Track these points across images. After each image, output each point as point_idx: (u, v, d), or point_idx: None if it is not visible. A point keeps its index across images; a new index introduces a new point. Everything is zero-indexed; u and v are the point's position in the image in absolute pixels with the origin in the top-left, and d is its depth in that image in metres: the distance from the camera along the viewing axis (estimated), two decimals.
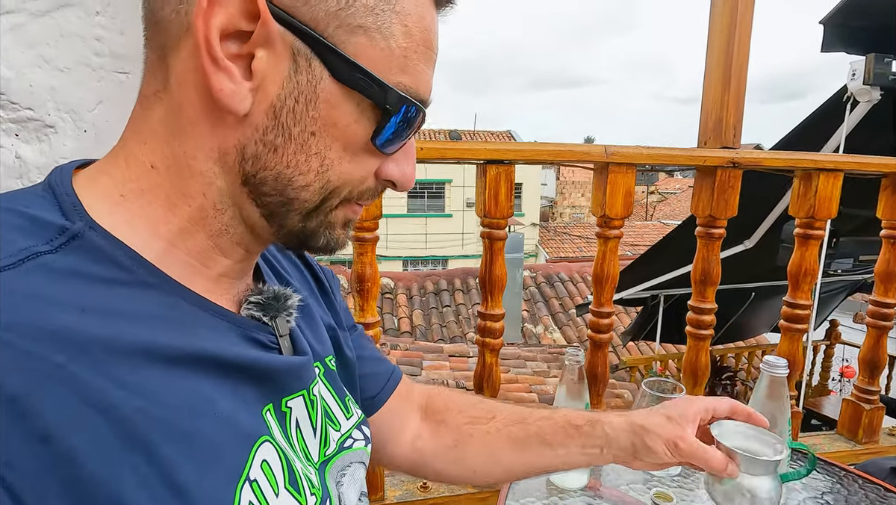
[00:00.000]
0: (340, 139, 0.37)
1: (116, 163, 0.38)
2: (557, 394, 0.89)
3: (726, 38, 1.15)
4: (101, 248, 0.34)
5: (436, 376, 4.60)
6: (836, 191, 1.23)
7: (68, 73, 0.87)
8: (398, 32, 0.35)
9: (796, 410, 1.35)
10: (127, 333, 0.32)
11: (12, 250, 0.30)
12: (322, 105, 0.35)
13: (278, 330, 0.43)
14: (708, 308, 1.26)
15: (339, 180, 0.38)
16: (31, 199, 0.35)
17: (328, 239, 0.42)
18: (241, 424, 0.37)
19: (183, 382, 0.34)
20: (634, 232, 16.34)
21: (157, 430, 0.31)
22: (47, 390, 0.28)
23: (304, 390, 0.45)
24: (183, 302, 0.37)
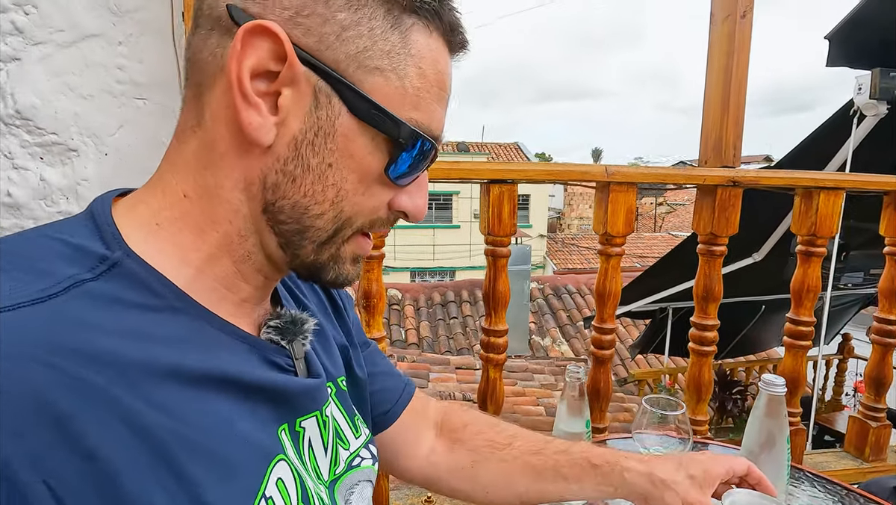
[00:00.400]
0: (356, 171, 0.39)
1: (153, 193, 0.40)
2: (558, 410, 0.91)
3: (725, 62, 1.17)
4: (136, 275, 0.36)
5: (442, 389, 4.60)
6: (838, 208, 1.24)
7: (91, 100, 0.92)
8: (412, 73, 0.38)
9: (801, 427, 1.35)
10: (159, 355, 0.35)
11: (60, 278, 0.33)
12: (339, 138, 0.38)
13: (294, 353, 0.46)
14: (710, 325, 1.27)
15: (352, 210, 0.40)
16: (76, 228, 0.38)
17: (337, 273, 0.43)
18: (259, 444, 0.39)
19: (207, 402, 0.36)
20: (643, 243, 16.26)
21: (184, 449, 0.34)
22: (91, 411, 0.30)
23: (317, 411, 0.47)
24: (208, 326, 0.39)
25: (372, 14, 0.37)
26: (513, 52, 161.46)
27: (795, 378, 1.33)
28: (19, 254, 0.35)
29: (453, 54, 0.42)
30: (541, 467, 0.62)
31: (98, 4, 0.90)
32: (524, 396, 4.56)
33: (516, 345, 6.94)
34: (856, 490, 0.93)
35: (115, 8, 0.90)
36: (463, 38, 0.42)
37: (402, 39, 0.38)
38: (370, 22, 0.37)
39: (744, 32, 1.14)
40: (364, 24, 0.36)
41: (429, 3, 0.38)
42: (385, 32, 0.37)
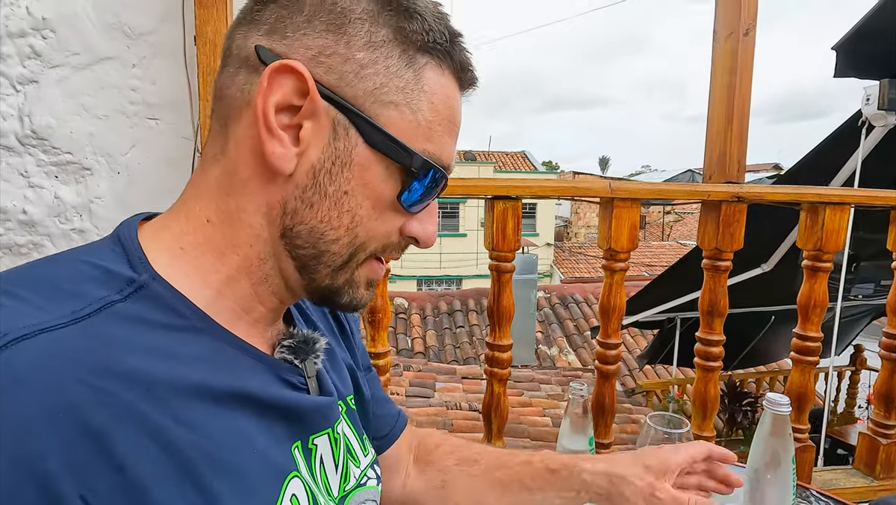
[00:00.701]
0: (370, 198, 0.41)
1: (177, 218, 0.42)
2: (562, 427, 0.91)
3: (728, 78, 1.18)
4: (162, 297, 0.38)
5: (448, 398, 4.58)
6: (844, 223, 1.24)
7: (105, 120, 0.94)
8: (425, 108, 0.41)
9: (809, 444, 1.34)
10: (184, 373, 0.36)
11: (92, 299, 0.35)
12: (356, 167, 0.40)
13: (307, 372, 0.47)
14: (716, 339, 1.27)
15: (366, 235, 0.42)
16: (104, 252, 0.40)
17: (351, 297, 0.45)
18: (275, 460, 0.41)
19: (227, 418, 0.38)
20: (651, 252, 16.18)
21: (206, 463, 0.35)
22: (122, 426, 0.32)
23: (329, 429, 0.49)
24: (227, 346, 0.41)
25: (388, 53, 0.39)
26: (520, 61, 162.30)
27: (803, 394, 1.32)
28: (54, 277, 0.37)
29: (463, 91, 0.45)
30: (507, 481, 0.63)
31: (113, 28, 0.93)
32: (531, 406, 4.53)
33: (523, 354, 6.91)
34: None
35: (130, 31, 0.93)
36: (472, 76, 0.44)
37: (415, 77, 0.40)
38: (386, 61, 0.39)
39: (747, 49, 1.15)
40: (381, 62, 0.39)
41: (441, 44, 0.41)
42: (400, 70, 0.39)
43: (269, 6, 0.40)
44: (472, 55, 0.44)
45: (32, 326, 0.32)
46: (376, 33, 0.39)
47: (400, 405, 2.77)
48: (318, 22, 0.38)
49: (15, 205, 0.92)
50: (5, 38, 0.90)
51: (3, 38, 0.90)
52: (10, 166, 0.93)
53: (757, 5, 1.13)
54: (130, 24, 0.93)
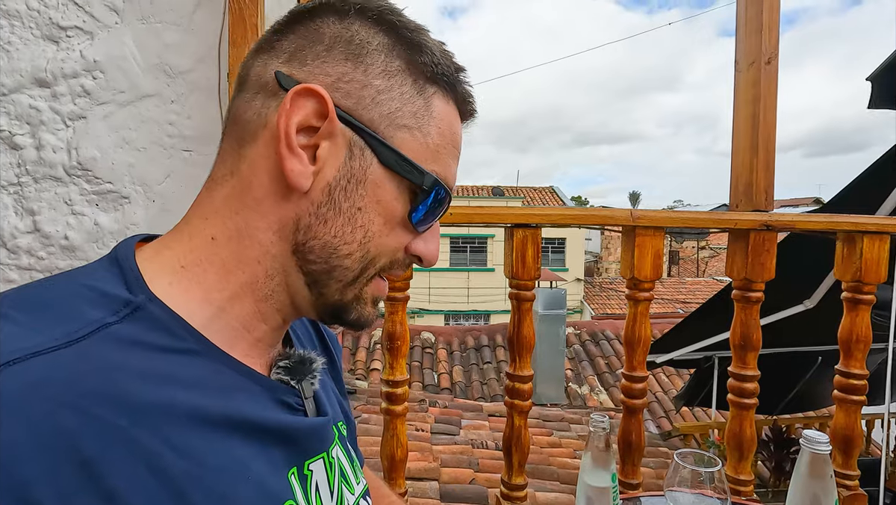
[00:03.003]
0: (382, 215, 0.43)
1: (180, 238, 0.43)
2: (583, 462, 0.87)
3: (752, 108, 1.17)
4: (158, 318, 0.38)
5: (475, 436, 4.45)
6: (885, 253, 1.18)
7: (144, 152, 1.01)
8: (434, 132, 0.44)
9: (860, 492, 1.23)
10: (179, 397, 0.36)
11: (87, 321, 0.35)
12: (369, 185, 0.42)
13: (304, 393, 0.47)
14: (750, 375, 1.20)
15: (376, 251, 0.43)
16: (101, 273, 0.40)
17: (359, 314, 0.46)
18: (270, 488, 0.40)
19: (222, 445, 0.37)
20: (686, 288, 15.67)
21: (200, 492, 0.35)
22: (113, 452, 0.31)
23: (324, 453, 0.48)
24: (224, 368, 0.40)
25: (402, 82, 0.42)
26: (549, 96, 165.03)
27: (850, 437, 1.22)
28: (50, 298, 0.37)
29: (464, 121, 0.48)
30: None
31: (155, 67, 1.00)
32: (560, 447, 4.35)
33: (551, 392, 6.70)
34: None
35: (170, 70, 1.00)
36: (473, 107, 0.47)
37: (425, 104, 0.43)
38: (401, 88, 0.42)
39: (770, 78, 1.14)
40: (396, 89, 0.42)
41: (447, 77, 0.44)
42: (412, 97, 0.42)
43: (289, 36, 0.42)
44: (473, 88, 0.47)
45: (25, 349, 0.32)
46: (391, 63, 0.42)
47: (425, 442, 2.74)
48: (337, 52, 0.41)
49: (58, 231, 0.98)
50: (60, 78, 0.98)
51: (58, 78, 0.98)
52: (57, 196, 0.99)
53: (778, 34, 1.13)
54: (171, 64, 1.00)
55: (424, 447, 4.10)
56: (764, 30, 1.12)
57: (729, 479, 1.23)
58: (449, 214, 1.11)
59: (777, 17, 1.13)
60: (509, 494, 1.19)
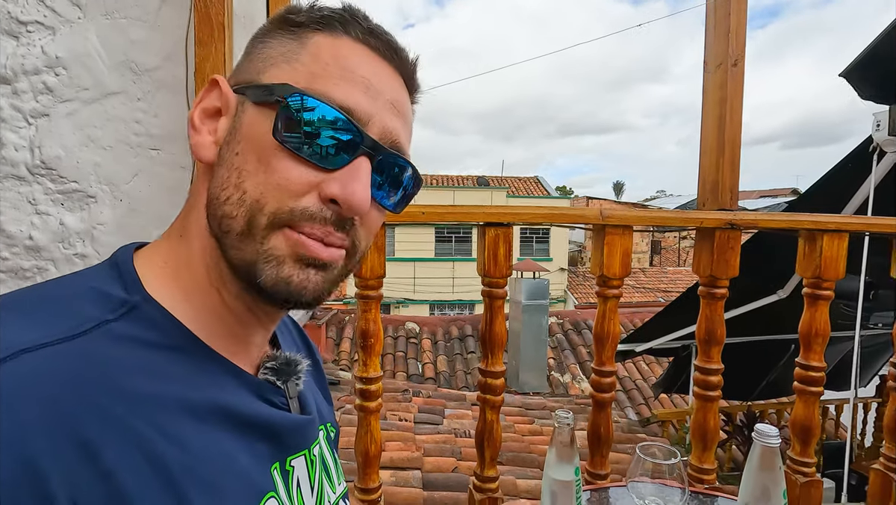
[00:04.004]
0: (254, 151, 0.41)
1: (166, 240, 0.46)
2: (548, 457, 0.90)
3: (719, 109, 1.19)
4: (152, 317, 0.40)
5: (457, 425, 4.51)
6: (843, 251, 1.22)
7: (110, 151, 0.99)
8: (305, 59, 0.42)
9: (816, 478, 1.29)
10: (170, 391, 0.38)
11: (87, 318, 0.37)
12: (244, 128, 0.42)
13: (289, 393, 0.49)
14: (714, 368, 1.24)
15: (255, 190, 0.40)
16: (101, 275, 0.42)
17: (276, 276, 0.40)
18: (254, 481, 0.42)
19: (211, 436, 0.39)
20: (667, 278, 15.93)
21: (189, 480, 0.37)
22: (110, 437, 0.34)
23: (305, 450, 0.50)
24: (213, 365, 0.42)
25: (274, 37, 0.44)
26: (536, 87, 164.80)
27: (808, 427, 1.28)
28: (53, 298, 0.39)
29: (378, 53, 0.44)
30: None
31: (120, 64, 0.98)
32: (541, 434, 4.43)
33: (534, 381, 6.79)
34: None
35: (136, 68, 0.99)
36: (383, 40, 0.44)
37: (300, 44, 0.43)
38: (273, 42, 0.44)
39: (736, 80, 1.16)
40: (269, 47, 0.44)
41: (325, 16, 0.43)
42: (284, 43, 0.44)
43: None
44: (380, 26, 0.45)
45: (31, 341, 0.34)
46: (269, 33, 0.45)
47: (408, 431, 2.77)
48: (244, 57, 0.46)
49: (22, 231, 0.97)
50: (21, 74, 0.96)
51: (19, 74, 0.96)
52: (20, 195, 0.98)
53: (745, 37, 1.15)
54: (137, 62, 0.98)
55: (407, 437, 4.13)
56: (731, 33, 1.14)
57: (693, 467, 1.28)
58: (421, 214, 1.12)
59: (744, 21, 1.15)
60: (482, 487, 1.22)
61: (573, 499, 0.86)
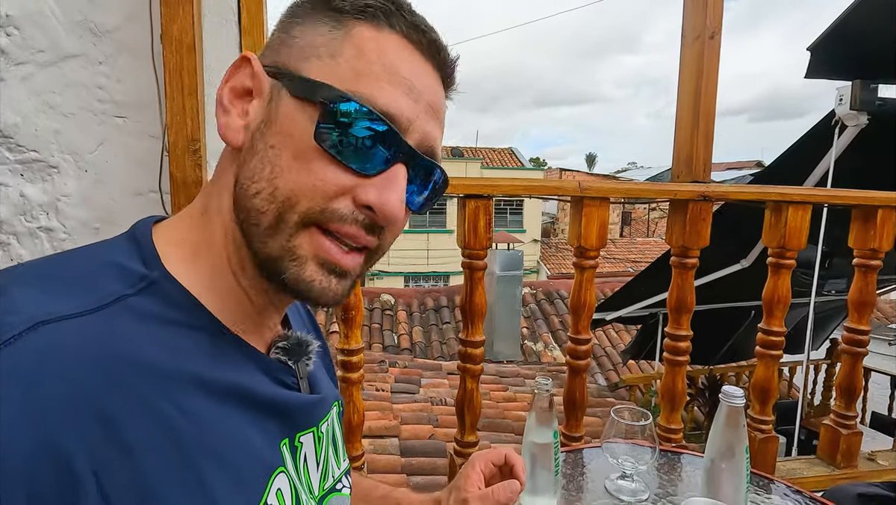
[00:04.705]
0: (291, 147, 0.40)
1: (184, 216, 0.46)
2: (528, 422, 0.93)
3: (695, 81, 1.21)
4: (171, 294, 0.40)
5: (434, 394, 4.60)
6: (806, 222, 1.28)
7: (72, 118, 0.94)
8: (349, 53, 0.40)
9: (772, 435, 1.38)
10: (187, 367, 0.38)
11: (107, 293, 0.37)
12: (281, 120, 0.40)
13: (300, 372, 0.50)
14: (683, 335, 1.30)
15: (287, 187, 0.39)
16: (120, 249, 0.42)
17: (298, 275, 0.40)
18: (264, 456, 0.43)
19: (225, 413, 0.40)
20: (637, 249, 16.35)
21: (205, 454, 0.37)
22: (131, 412, 0.34)
23: (314, 427, 0.51)
24: (227, 345, 0.43)
25: (316, 22, 0.42)
26: (511, 57, 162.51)
27: (767, 388, 1.36)
28: (72, 271, 0.39)
29: (423, 52, 0.43)
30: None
31: (79, 25, 0.92)
32: (515, 401, 4.57)
33: (508, 350, 6.95)
34: (818, 498, 0.95)
35: (95, 28, 0.92)
36: (429, 37, 0.43)
37: (343, 33, 0.41)
38: (314, 28, 0.42)
39: (712, 53, 1.17)
40: (309, 31, 0.42)
41: (374, 7, 0.41)
42: (330, 31, 0.41)
43: None
44: (424, 20, 0.43)
45: (49, 314, 0.34)
46: (309, 13, 0.43)
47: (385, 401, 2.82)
48: (275, 36, 0.44)
49: None
50: None
51: None
52: None
53: (722, 9, 1.16)
54: (96, 22, 0.92)
55: (385, 406, 4.20)
56: (708, 6, 1.14)
57: (662, 428, 1.35)
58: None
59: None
60: (462, 452, 1.26)
61: (552, 460, 0.89)
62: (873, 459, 1.49)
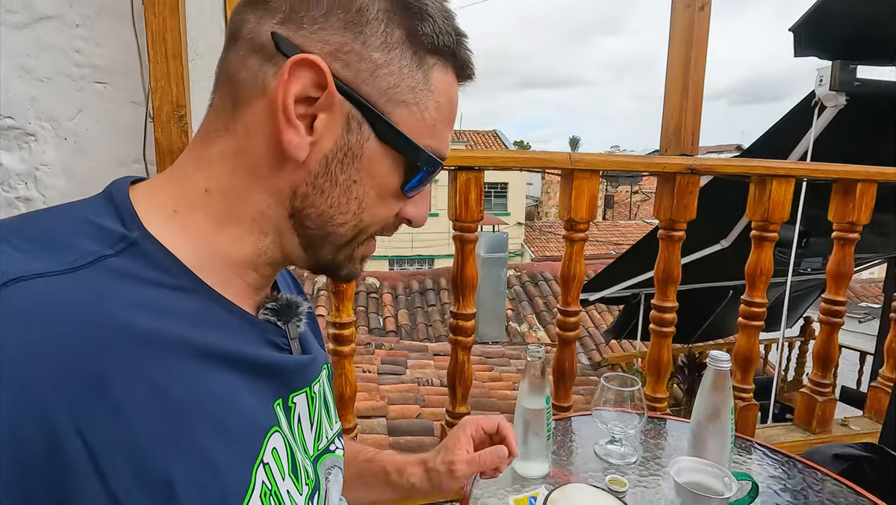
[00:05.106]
0: (376, 187, 0.44)
1: (172, 182, 0.44)
2: (521, 388, 0.95)
3: (685, 52, 1.21)
4: (153, 255, 0.39)
5: (420, 375, 4.64)
6: (788, 195, 1.31)
7: (49, 84, 0.90)
8: (432, 107, 0.44)
9: (753, 403, 1.42)
10: (173, 328, 0.37)
11: (85, 252, 0.36)
12: (365, 159, 0.42)
13: (290, 333, 0.50)
14: (669, 306, 1.32)
15: (370, 220, 0.45)
16: (96, 209, 0.40)
17: (350, 271, 0.49)
18: (258, 416, 0.43)
19: (216, 374, 0.39)
20: (619, 231, 16.55)
21: (195, 413, 0.37)
22: (118, 371, 0.33)
23: (307, 388, 0.51)
24: (216, 306, 0.42)
25: (402, 55, 0.41)
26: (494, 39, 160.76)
27: (749, 357, 1.40)
28: (47, 229, 0.38)
29: (461, 83, 0.47)
30: (349, 476, 0.68)
31: None
32: (501, 380, 4.63)
33: (493, 332, 7.02)
34: (797, 458, 0.99)
35: None
36: (472, 72, 0.47)
37: (424, 77, 0.43)
38: (400, 62, 0.41)
39: (702, 23, 1.18)
40: (395, 63, 0.41)
41: (448, 46, 0.43)
42: (412, 71, 0.42)
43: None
44: (473, 54, 0.46)
45: (29, 270, 0.32)
46: (391, 34, 0.41)
47: (372, 382, 2.84)
48: (335, 18, 0.39)
49: None
50: None
51: None
52: None
53: None
54: None
55: (371, 387, 4.22)
56: None
57: (647, 397, 1.38)
58: None
59: None
60: (453, 423, 1.28)
61: (545, 426, 0.91)
62: (846, 424, 1.55)
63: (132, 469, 0.33)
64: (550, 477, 0.92)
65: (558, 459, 0.98)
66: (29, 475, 0.30)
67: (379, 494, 0.71)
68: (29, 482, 0.30)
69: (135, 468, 0.33)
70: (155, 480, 0.33)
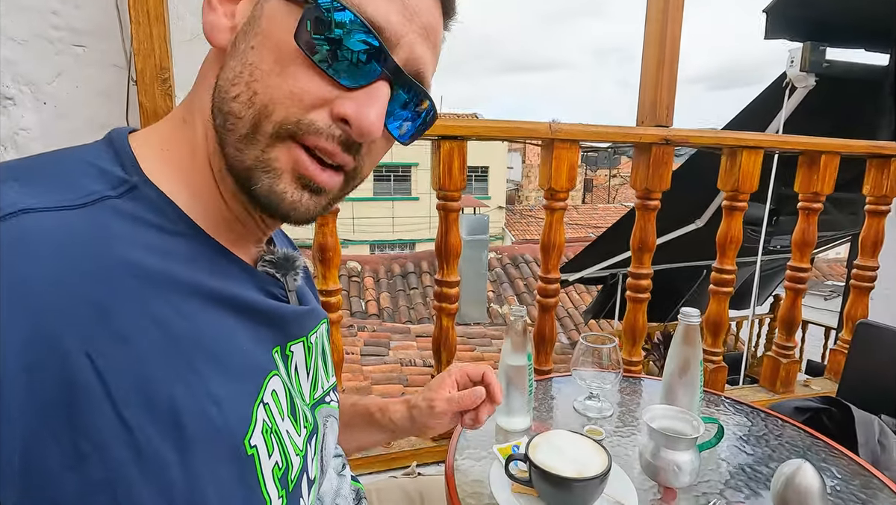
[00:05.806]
0: (273, 50, 0.38)
1: (167, 122, 0.45)
2: (503, 347, 0.98)
3: (660, 24, 1.24)
4: (153, 200, 0.39)
5: (403, 356, 4.69)
6: (757, 167, 1.36)
7: (26, 46, 0.89)
8: None
9: (722, 365, 1.50)
10: (178, 271, 0.38)
11: (87, 191, 0.36)
12: (264, 21, 0.39)
13: (287, 285, 0.50)
14: (644, 273, 1.38)
15: (265, 92, 0.38)
16: (96, 153, 0.40)
17: (270, 187, 0.40)
18: (258, 360, 0.44)
19: (216, 316, 0.40)
20: (597, 214, 16.77)
21: (198, 349, 0.37)
22: (125, 304, 0.34)
23: (303, 337, 0.52)
24: (216, 254, 0.43)
25: None
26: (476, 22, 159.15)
27: (718, 322, 1.47)
28: (51, 168, 0.38)
29: None
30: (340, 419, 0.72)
31: None
32: (483, 360, 4.71)
33: (475, 313, 7.10)
34: (762, 409, 1.06)
35: None
36: None
37: None
38: None
39: (677, 1, 1.21)
40: None
41: None
42: None
43: None
44: None
45: (31, 204, 0.33)
46: None
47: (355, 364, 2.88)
48: None
49: None
50: None
51: None
52: None
53: None
54: None
55: (355, 368, 4.24)
56: None
57: (624, 361, 1.44)
58: None
59: None
60: None
61: (526, 382, 0.95)
62: (808, 385, 1.65)
63: (140, 397, 0.33)
64: (532, 430, 0.97)
65: (539, 414, 1.03)
66: (45, 402, 0.30)
67: (363, 435, 0.73)
68: (45, 409, 0.30)
69: (143, 396, 0.33)
70: (162, 408, 0.34)
